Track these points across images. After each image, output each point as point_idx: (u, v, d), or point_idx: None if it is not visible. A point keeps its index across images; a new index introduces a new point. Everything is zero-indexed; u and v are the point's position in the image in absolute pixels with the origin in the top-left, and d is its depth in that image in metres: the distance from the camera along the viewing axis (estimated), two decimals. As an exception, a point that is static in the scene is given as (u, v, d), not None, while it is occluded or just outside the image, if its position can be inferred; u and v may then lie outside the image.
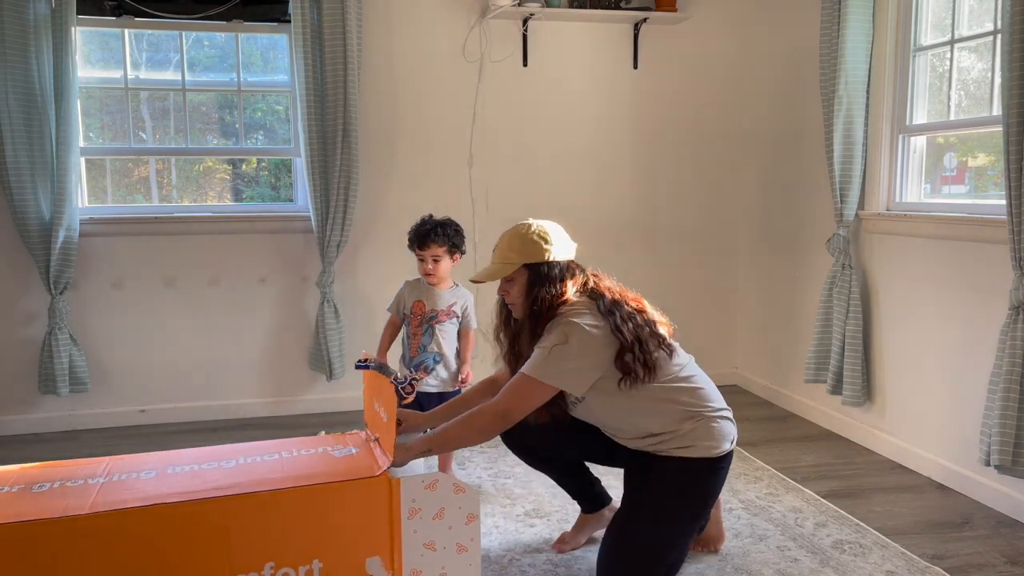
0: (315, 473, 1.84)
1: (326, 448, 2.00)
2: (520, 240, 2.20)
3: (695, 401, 2.17)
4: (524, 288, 2.19)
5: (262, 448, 2.04)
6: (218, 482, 1.79)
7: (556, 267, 2.19)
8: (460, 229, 2.99)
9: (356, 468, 1.87)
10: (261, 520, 1.74)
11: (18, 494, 1.75)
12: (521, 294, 2.20)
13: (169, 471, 1.87)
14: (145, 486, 1.78)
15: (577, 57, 4.16)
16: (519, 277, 2.19)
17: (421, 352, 2.94)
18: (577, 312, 2.12)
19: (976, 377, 2.87)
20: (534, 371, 2.07)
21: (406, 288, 3.05)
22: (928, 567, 2.38)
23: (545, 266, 2.18)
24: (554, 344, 2.07)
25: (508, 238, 2.23)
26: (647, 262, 4.37)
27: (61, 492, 1.76)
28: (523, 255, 2.18)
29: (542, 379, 2.06)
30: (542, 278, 2.17)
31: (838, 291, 3.43)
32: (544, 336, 2.13)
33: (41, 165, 3.53)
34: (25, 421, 3.76)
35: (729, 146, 4.38)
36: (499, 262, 2.23)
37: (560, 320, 2.12)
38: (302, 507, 1.77)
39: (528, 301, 2.18)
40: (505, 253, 2.21)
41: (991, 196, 3.06)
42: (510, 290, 2.22)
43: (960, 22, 3.10)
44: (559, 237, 2.23)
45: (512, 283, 2.21)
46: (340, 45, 3.66)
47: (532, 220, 2.26)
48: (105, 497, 1.72)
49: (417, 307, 2.99)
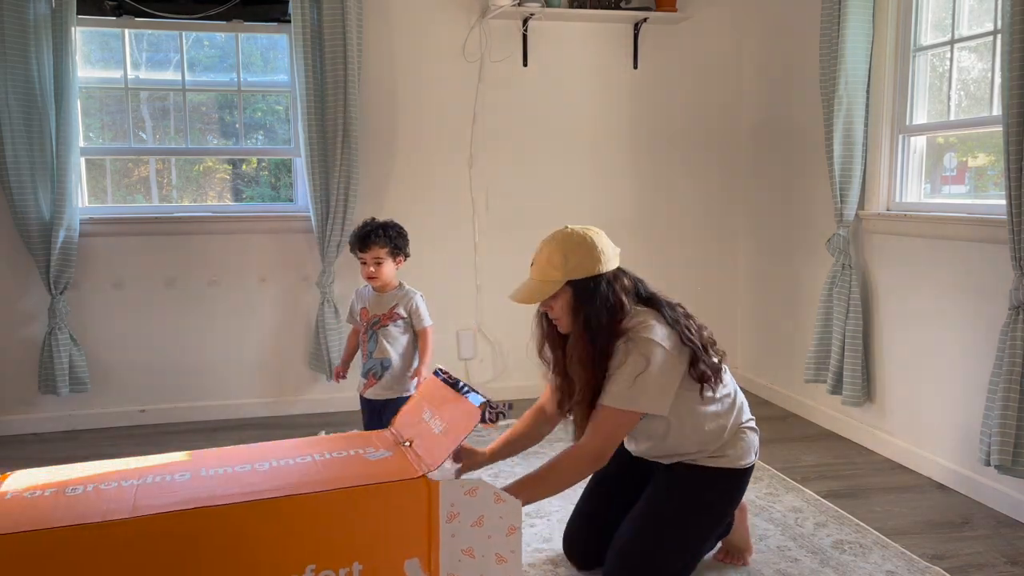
0: (354, 475, 1.84)
1: (358, 451, 2.00)
2: (562, 253, 2.01)
3: (733, 413, 2.15)
4: (570, 305, 2.04)
5: (293, 450, 2.03)
6: (256, 485, 1.79)
7: (603, 279, 2.03)
8: (403, 231, 2.94)
9: (394, 470, 1.86)
10: (302, 522, 1.75)
11: (52, 498, 1.74)
12: (567, 311, 2.04)
13: (203, 473, 1.87)
14: (182, 489, 1.78)
15: (577, 57, 4.16)
16: (563, 294, 2.03)
17: (369, 359, 2.91)
18: (647, 326, 2.00)
19: (976, 377, 2.87)
20: (622, 403, 1.97)
21: (355, 295, 3.02)
22: (928, 567, 2.37)
23: (592, 281, 2.02)
24: (638, 372, 1.95)
25: (548, 251, 2.04)
26: (647, 262, 4.37)
27: (96, 496, 1.75)
28: (566, 271, 2.01)
29: (631, 408, 1.97)
30: (590, 294, 2.01)
31: (838, 291, 3.43)
32: (618, 357, 2.00)
33: (41, 165, 3.53)
34: (25, 421, 3.76)
35: (729, 146, 4.38)
36: (539, 279, 2.04)
37: (634, 340, 1.99)
38: (343, 509, 1.77)
39: (580, 319, 2.03)
40: (545, 269, 2.03)
41: (991, 196, 3.06)
42: (553, 305, 2.06)
43: (960, 22, 3.10)
44: (604, 245, 2.06)
45: (555, 299, 2.04)
46: (340, 45, 3.66)
47: (571, 226, 2.08)
48: (144, 500, 1.71)
49: (363, 314, 2.94)
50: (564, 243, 2.03)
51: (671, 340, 2.01)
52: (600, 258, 2.03)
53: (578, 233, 2.04)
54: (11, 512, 1.66)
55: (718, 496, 2.16)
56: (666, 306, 2.09)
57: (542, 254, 2.06)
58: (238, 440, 2.52)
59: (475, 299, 4.20)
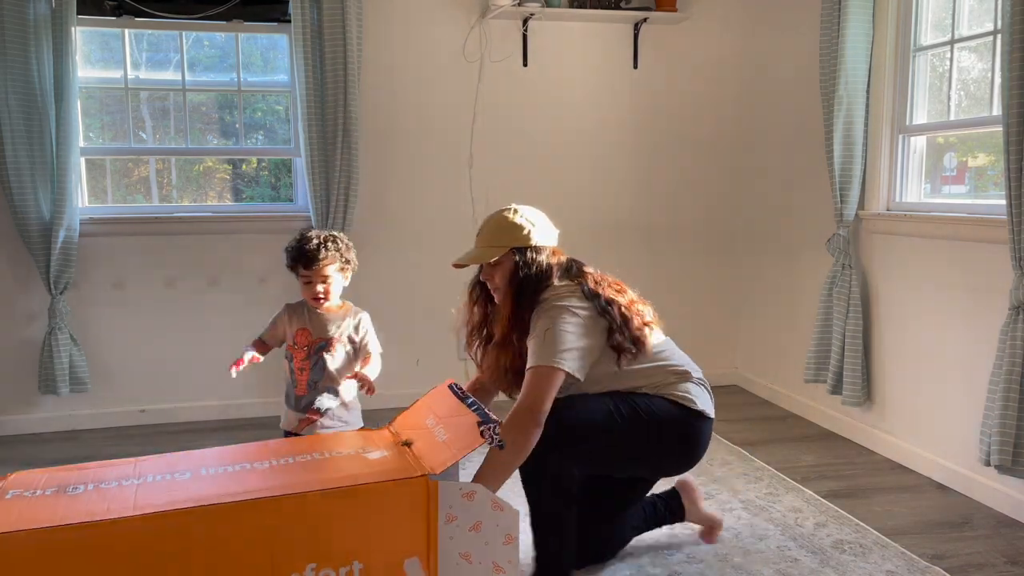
0: (354, 474, 1.84)
1: (357, 450, 2.01)
2: (508, 225, 2.21)
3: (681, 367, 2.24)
4: (510, 272, 2.19)
5: (292, 449, 2.04)
6: (257, 483, 1.80)
7: (543, 252, 2.21)
8: (349, 242, 2.55)
9: (394, 469, 1.87)
10: (304, 521, 1.75)
11: (53, 497, 1.74)
12: (506, 278, 2.20)
13: (203, 472, 1.87)
14: (183, 488, 1.79)
15: (577, 57, 4.16)
16: (505, 261, 2.20)
17: (311, 390, 2.47)
18: (560, 296, 2.14)
19: (976, 377, 2.87)
20: (540, 359, 2.06)
21: (286, 313, 2.56)
22: (928, 567, 2.38)
23: (532, 250, 2.19)
24: (546, 329, 2.08)
25: (494, 222, 2.24)
26: (647, 262, 4.37)
27: (97, 495, 1.75)
28: (512, 239, 2.19)
29: (550, 363, 2.05)
30: (528, 263, 2.18)
31: (838, 291, 3.43)
32: (533, 324, 2.13)
33: (41, 165, 3.53)
34: (25, 421, 3.76)
35: (729, 146, 4.38)
36: (484, 246, 2.23)
37: (546, 305, 2.14)
38: (343, 508, 1.78)
39: (514, 286, 2.18)
40: (490, 237, 2.22)
41: (991, 196, 3.06)
42: (494, 275, 2.23)
43: (960, 22, 3.10)
44: (543, 222, 2.26)
45: (496, 267, 2.21)
46: (340, 45, 3.66)
47: (516, 205, 2.27)
48: (145, 499, 1.72)
49: (301, 337, 2.50)
50: (511, 216, 2.22)
51: (586, 310, 2.12)
52: (539, 230, 2.22)
53: (522, 208, 2.26)
54: (13, 511, 1.67)
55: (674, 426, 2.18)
56: (592, 281, 2.20)
57: (489, 225, 2.25)
58: (238, 440, 2.52)
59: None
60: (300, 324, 2.52)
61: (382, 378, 2.48)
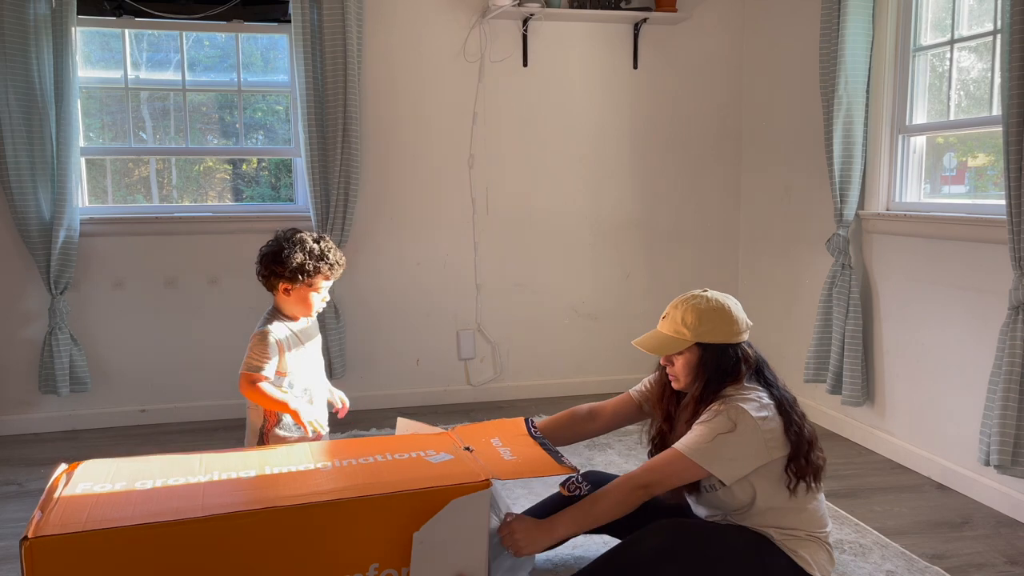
0: (419, 477, 1.86)
1: (419, 453, 2.02)
2: (696, 315, 2.01)
3: (826, 531, 2.05)
4: (693, 366, 2.02)
5: (353, 450, 2.06)
6: (322, 485, 1.83)
7: (731, 349, 2.02)
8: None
9: (458, 473, 1.89)
10: (370, 522, 1.78)
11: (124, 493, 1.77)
12: (688, 372, 2.03)
13: (268, 471, 1.90)
14: (249, 487, 1.81)
15: (577, 57, 4.16)
16: (688, 354, 2.02)
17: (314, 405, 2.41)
18: (746, 398, 1.96)
19: (976, 377, 2.87)
20: (693, 453, 1.92)
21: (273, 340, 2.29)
22: (928, 567, 2.38)
23: (720, 348, 2.01)
24: (720, 432, 1.91)
25: (683, 310, 2.03)
26: (646, 262, 4.38)
27: (167, 492, 1.77)
28: (697, 333, 2.00)
29: (699, 462, 1.91)
30: (715, 361, 2.00)
31: (838, 291, 3.43)
32: (707, 414, 1.96)
33: (41, 165, 3.53)
34: (25, 421, 3.77)
35: (729, 146, 4.38)
36: (671, 333, 2.03)
37: (729, 403, 1.95)
38: (408, 511, 1.80)
39: (700, 383, 2.02)
40: (677, 326, 2.03)
41: (991, 196, 3.06)
42: (675, 361, 2.05)
43: (960, 22, 3.10)
44: (740, 317, 2.04)
45: (679, 356, 2.04)
46: (340, 45, 3.67)
47: (709, 292, 2.07)
48: (213, 499, 1.74)
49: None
50: (700, 305, 2.03)
51: (767, 422, 1.94)
52: (733, 328, 2.02)
53: (717, 299, 2.05)
54: (84, 507, 1.69)
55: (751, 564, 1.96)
56: (777, 388, 2.04)
57: (677, 311, 2.05)
58: (238, 440, 2.52)
59: (475, 299, 4.20)
60: (296, 345, 2.35)
61: (382, 378, 2.48)
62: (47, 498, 1.73)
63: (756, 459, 1.93)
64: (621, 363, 4.36)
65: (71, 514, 1.65)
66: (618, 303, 4.36)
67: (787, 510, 1.99)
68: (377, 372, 4.07)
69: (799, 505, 2.00)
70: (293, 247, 2.28)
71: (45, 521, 1.62)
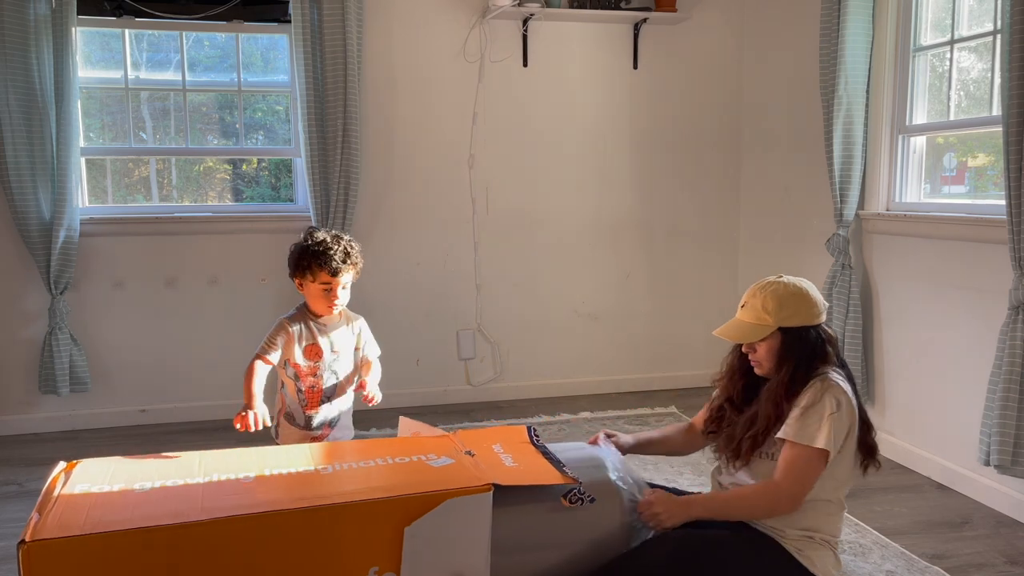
0: (421, 481, 1.85)
1: (419, 456, 2.01)
2: (776, 300, 2.00)
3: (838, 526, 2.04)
4: (776, 351, 2.02)
5: (353, 453, 2.05)
6: (322, 488, 1.82)
7: (814, 330, 2.01)
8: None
9: (460, 478, 1.88)
10: (369, 526, 1.76)
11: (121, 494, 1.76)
12: (772, 357, 2.02)
13: (267, 473, 1.88)
14: (248, 490, 1.79)
15: (577, 57, 4.16)
16: (771, 340, 2.02)
17: (325, 404, 2.40)
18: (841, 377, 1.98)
19: (976, 377, 2.87)
20: (813, 440, 1.89)
21: (290, 329, 2.37)
22: (928, 567, 2.38)
23: (803, 331, 2.00)
24: (831, 412, 1.90)
25: (763, 296, 2.03)
26: (646, 262, 4.38)
27: (164, 493, 1.76)
28: (779, 318, 1.99)
29: (821, 446, 1.88)
30: (801, 343, 2.00)
31: (838, 291, 3.43)
32: (810, 396, 1.95)
33: (41, 165, 3.53)
34: (25, 421, 3.77)
35: (729, 146, 4.38)
36: (750, 321, 2.04)
37: (829, 383, 1.95)
38: (410, 514, 1.78)
39: (787, 366, 2.00)
40: (759, 313, 2.02)
41: (991, 196, 3.06)
42: (758, 348, 2.04)
43: (960, 22, 3.10)
44: (818, 299, 2.04)
45: (762, 342, 2.03)
46: (340, 45, 3.67)
47: (784, 277, 2.06)
48: (212, 502, 1.73)
49: (312, 352, 2.38)
50: (779, 291, 2.02)
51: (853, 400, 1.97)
52: (814, 311, 2.02)
53: (794, 283, 2.04)
54: (82, 509, 1.67)
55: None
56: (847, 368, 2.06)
57: (756, 298, 2.05)
58: (239, 440, 2.52)
59: (475, 299, 4.20)
60: (308, 340, 2.38)
61: (382, 378, 2.48)
62: (45, 499, 1.72)
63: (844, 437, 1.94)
64: (621, 363, 4.36)
65: (69, 516, 1.64)
66: (618, 303, 4.36)
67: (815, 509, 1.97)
68: (377, 372, 4.08)
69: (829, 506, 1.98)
70: (302, 242, 2.36)
71: (42, 524, 1.60)
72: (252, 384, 2.33)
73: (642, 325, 4.38)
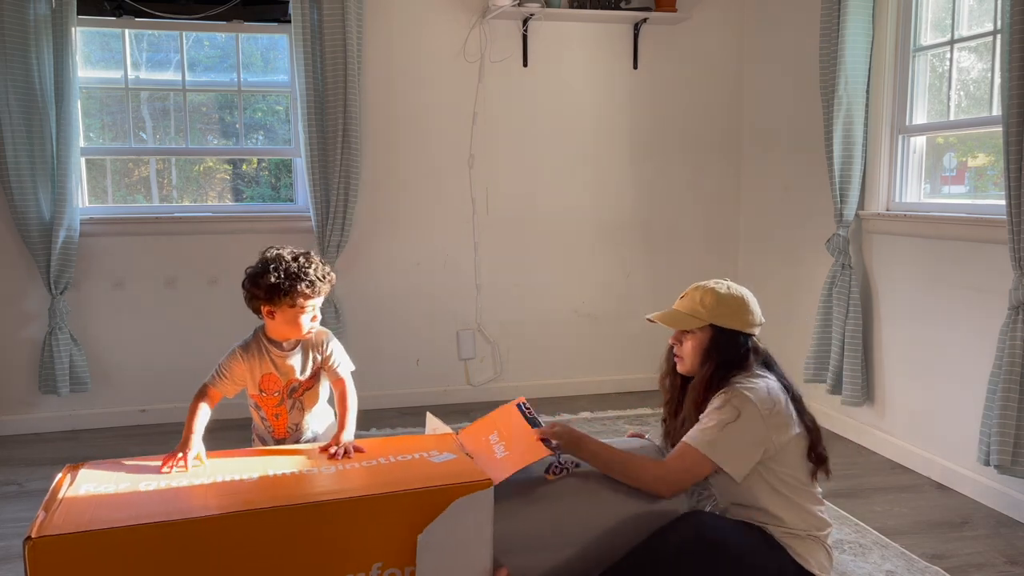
0: (423, 476, 1.87)
1: (422, 454, 2.03)
2: (715, 298, 2.03)
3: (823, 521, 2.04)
4: (701, 348, 2.04)
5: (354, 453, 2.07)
6: (325, 486, 1.83)
7: (743, 337, 2.03)
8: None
9: (460, 472, 1.90)
10: (372, 522, 1.78)
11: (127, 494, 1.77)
12: (696, 353, 2.05)
13: (271, 473, 1.90)
14: (256, 487, 1.81)
15: (577, 57, 4.16)
16: (700, 335, 2.04)
17: (292, 433, 2.31)
18: (751, 387, 1.96)
19: (976, 377, 2.87)
20: (701, 445, 1.92)
21: (242, 360, 2.26)
22: (928, 567, 2.38)
23: (732, 334, 2.03)
24: (727, 422, 1.91)
25: (703, 292, 2.06)
26: (646, 262, 4.38)
27: (170, 493, 1.78)
28: (713, 315, 2.02)
29: (706, 453, 1.92)
30: (725, 346, 2.02)
31: (838, 291, 3.43)
32: (712, 403, 1.97)
33: (41, 165, 3.53)
34: (25, 421, 3.76)
35: (729, 146, 4.38)
36: (686, 312, 2.06)
37: (734, 391, 1.95)
38: (411, 510, 1.80)
39: (704, 365, 2.03)
40: (695, 305, 2.05)
41: (991, 196, 3.06)
42: (683, 342, 2.08)
43: (960, 22, 3.10)
44: (755, 310, 2.06)
45: (690, 336, 2.06)
46: (340, 45, 3.67)
47: (728, 281, 2.10)
48: (216, 499, 1.74)
49: (269, 383, 2.25)
50: (719, 290, 2.06)
51: (774, 406, 1.94)
52: (748, 319, 2.04)
53: (736, 288, 2.08)
54: (87, 508, 1.69)
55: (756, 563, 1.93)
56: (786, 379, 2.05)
57: (696, 292, 2.08)
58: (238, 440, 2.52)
59: (475, 299, 4.20)
60: (264, 370, 2.24)
61: (382, 378, 2.46)
62: (51, 498, 1.74)
63: (760, 445, 1.93)
64: (621, 363, 4.36)
65: (74, 514, 1.65)
66: (618, 303, 4.36)
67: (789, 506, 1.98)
68: (377, 372, 4.07)
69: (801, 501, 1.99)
70: (268, 266, 2.16)
71: (48, 521, 1.62)
72: (192, 420, 2.16)
73: (642, 325, 4.36)
